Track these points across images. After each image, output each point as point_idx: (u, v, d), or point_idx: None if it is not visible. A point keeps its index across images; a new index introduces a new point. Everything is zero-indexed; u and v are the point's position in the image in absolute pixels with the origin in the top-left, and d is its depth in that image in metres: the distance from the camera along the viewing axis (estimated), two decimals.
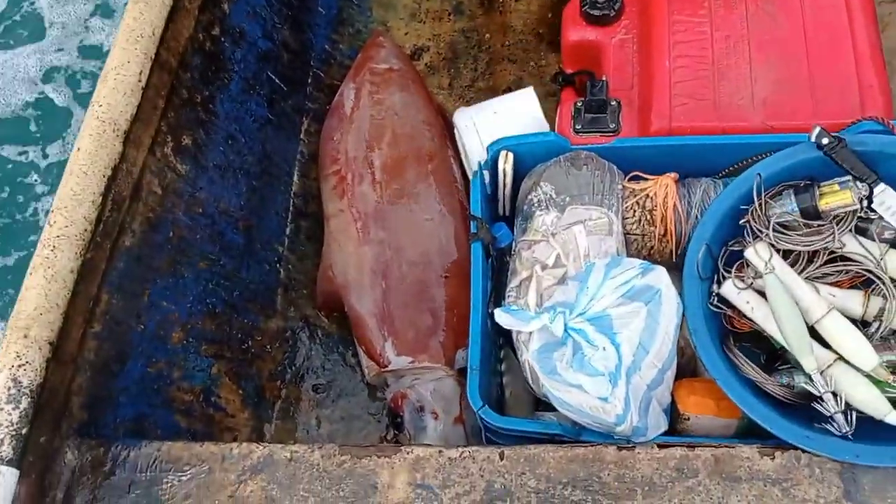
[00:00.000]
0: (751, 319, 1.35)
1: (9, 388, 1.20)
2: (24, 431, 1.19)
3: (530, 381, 1.41)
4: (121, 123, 1.43)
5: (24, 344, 1.23)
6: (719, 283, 1.37)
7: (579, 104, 1.74)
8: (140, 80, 1.48)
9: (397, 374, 1.73)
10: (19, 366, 1.22)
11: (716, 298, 1.37)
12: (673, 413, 1.37)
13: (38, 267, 1.29)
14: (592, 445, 1.21)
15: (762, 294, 1.34)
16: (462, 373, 1.72)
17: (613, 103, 1.72)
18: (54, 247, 1.30)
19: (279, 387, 1.80)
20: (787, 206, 1.34)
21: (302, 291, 1.92)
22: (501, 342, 1.63)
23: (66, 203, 1.34)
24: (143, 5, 1.52)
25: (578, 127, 1.72)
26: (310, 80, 2.13)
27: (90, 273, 1.37)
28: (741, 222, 1.38)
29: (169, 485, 1.24)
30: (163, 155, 1.56)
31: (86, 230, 1.34)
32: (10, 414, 1.19)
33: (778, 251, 1.34)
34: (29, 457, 1.21)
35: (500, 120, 1.80)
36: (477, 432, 1.69)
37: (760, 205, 1.35)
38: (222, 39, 1.77)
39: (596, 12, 1.82)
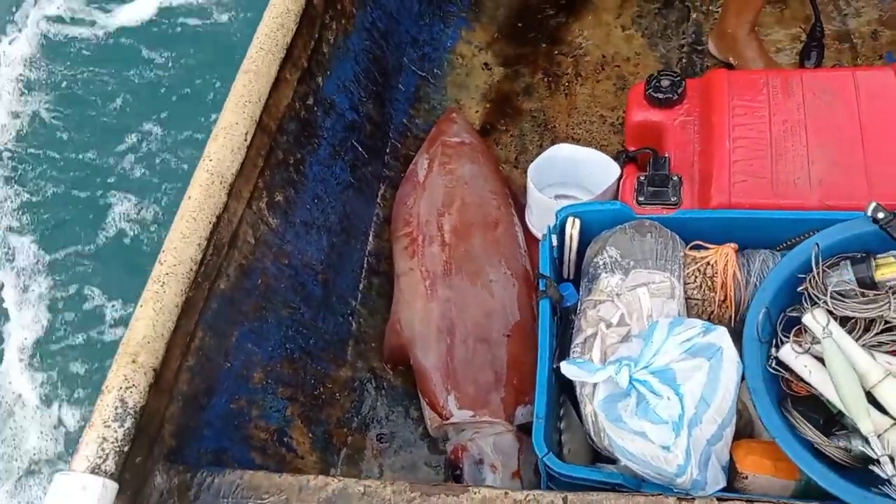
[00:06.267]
0: (808, 383, 1.40)
1: (116, 408, 1.30)
2: (125, 449, 1.28)
3: (592, 434, 1.47)
4: (227, 177, 1.58)
5: (132, 368, 1.33)
6: (777, 348, 1.43)
7: (642, 178, 1.85)
8: (245, 140, 1.63)
9: (458, 427, 1.80)
10: (126, 388, 1.32)
11: (774, 361, 1.42)
12: (731, 472, 1.41)
13: (148, 300, 1.40)
14: (653, 495, 1.25)
15: (819, 359, 1.39)
16: (521, 429, 1.78)
17: (675, 178, 1.83)
18: (163, 283, 1.42)
19: (346, 433, 1.88)
20: (844, 276, 1.41)
21: (371, 344, 2.02)
22: (562, 400, 1.69)
23: (176, 244, 1.47)
24: (253, 75, 1.69)
25: (641, 199, 1.82)
26: (388, 150, 2.28)
27: (190, 310, 1.48)
28: (799, 289, 1.44)
29: None
30: (258, 209, 1.70)
31: (191, 269, 1.46)
32: (115, 431, 1.28)
33: (835, 318, 1.40)
34: (126, 474, 1.29)
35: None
36: (533, 488, 1.73)
37: (818, 273, 1.42)
38: (315, 109, 1.93)
39: (660, 95, 1.95)
